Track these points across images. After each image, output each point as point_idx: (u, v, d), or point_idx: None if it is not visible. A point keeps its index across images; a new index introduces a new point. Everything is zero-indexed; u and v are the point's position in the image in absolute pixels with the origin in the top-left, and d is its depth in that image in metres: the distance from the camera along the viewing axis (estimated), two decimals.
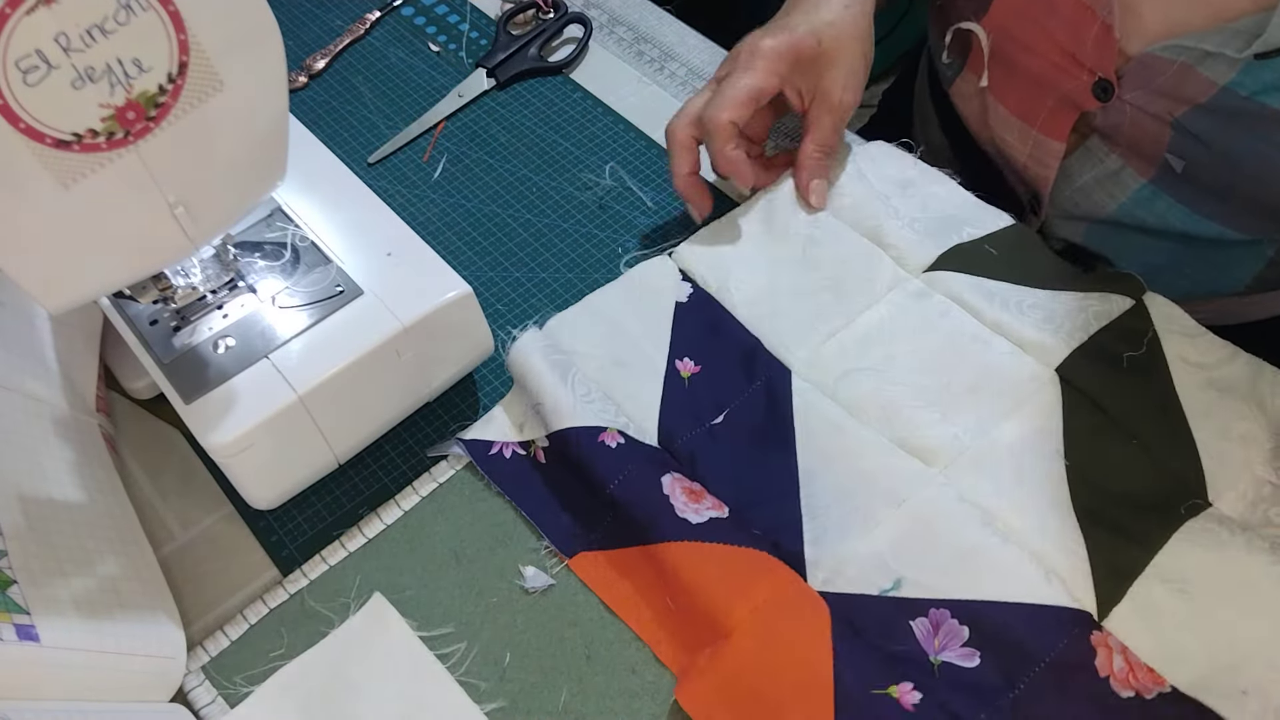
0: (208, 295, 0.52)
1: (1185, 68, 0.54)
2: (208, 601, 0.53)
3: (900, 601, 0.48)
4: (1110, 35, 0.56)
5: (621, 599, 0.50)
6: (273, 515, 0.55)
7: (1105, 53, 0.57)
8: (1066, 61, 0.59)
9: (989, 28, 0.63)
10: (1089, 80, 0.59)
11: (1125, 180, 0.62)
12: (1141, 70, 0.56)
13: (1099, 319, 0.55)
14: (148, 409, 0.60)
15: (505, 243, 0.66)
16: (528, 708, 0.48)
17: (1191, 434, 0.52)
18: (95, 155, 0.38)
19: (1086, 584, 0.48)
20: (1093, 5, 0.56)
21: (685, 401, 0.56)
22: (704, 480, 0.52)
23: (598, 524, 0.51)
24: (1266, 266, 0.62)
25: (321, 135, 0.68)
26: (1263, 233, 0.60)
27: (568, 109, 0.73)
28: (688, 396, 0.56)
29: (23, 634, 0.43)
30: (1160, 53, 0.54)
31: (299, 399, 0.49)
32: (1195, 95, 0.55)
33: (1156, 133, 0.58)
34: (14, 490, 0.47)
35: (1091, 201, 0.63)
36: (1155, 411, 0.53)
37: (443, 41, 0.79)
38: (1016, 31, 0.62)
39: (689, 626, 0.48)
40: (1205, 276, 0.61)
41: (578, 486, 0.52)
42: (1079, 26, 0.58)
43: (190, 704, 0.48)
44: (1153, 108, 0.57)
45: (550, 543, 0.52)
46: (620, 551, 0.50)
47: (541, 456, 0.54)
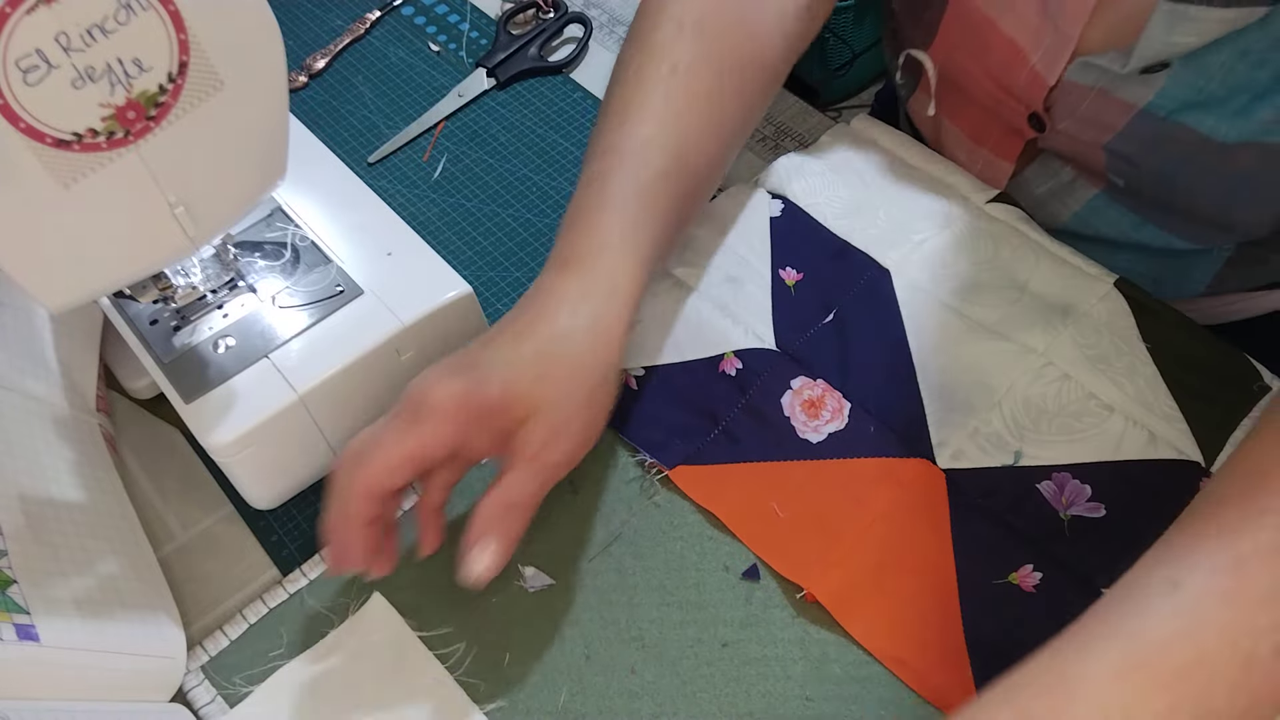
0: (208, 295, 0.52)
1: (1103, 93, 0.55)
2: (208, 601, 0.53)
3: (1023, 470, 0.52)
4: (1039, 78, 0.57)
5: (726, 508, 0.52)
6: (273, 515, 0.55)
7: (1035, 87, 0.58)
8: (1004, 94, 0.60)
9: (935, 57, 0.64)
10: (1024, 112, 0.60)
11: (1079, 191, 0.63)
12: (1065, 99, 0.57)
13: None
14: (148, 409, 0.60)
15: (505, 243, 0.66)
16: (527, 708, 0.48)
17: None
18: (95, 155, 0.38)
19: (1189, 441, 0.52)
20: (1025, 48, 0.57)
21: (794, 307, 0.58)
22: (825, 376, 0.55)
23: (696, 441, 0.54)
24: (1223, 268, 0.63)
25: (321, 135, 0.68)
26: (1209, 242, 0.61)
27: (568, 109, 0.73)
28: (796, 302, 0.59)
29: (23, 634, 0.43)
30: (1073, 77, 0.55)
31: (299, 399, 0.49)
32: (1115, 121, 0.55)
33: (1094, 156, 0.59)
34: (14, 490, 0.47)
35: (1047, 211, 0.64)
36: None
37: (443, 41, 0.79)
38: (959, 62, 0.63)
39: (803, 536, 0.51)
40: (1163, 281, 0.62)
41: (674, 407, 0.55)
42: (1011, 66, 0.58)
43: (190, 704, 0.48)
44: (1083, 135, 0.58)
45: (649, 457, 0.54)
46: (723, 467, 0.53)
47: (633, 383, 0.56)
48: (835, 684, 0.47)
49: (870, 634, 0.48)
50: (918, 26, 0.65)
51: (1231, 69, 0.49)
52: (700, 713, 0.47)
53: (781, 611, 0.49)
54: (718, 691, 0.47)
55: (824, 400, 0.55)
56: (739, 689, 0.47)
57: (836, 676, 0.47)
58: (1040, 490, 0.51)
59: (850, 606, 0.49)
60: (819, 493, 0.52)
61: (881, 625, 0.48)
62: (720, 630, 0.49)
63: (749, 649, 0.48)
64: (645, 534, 0.52)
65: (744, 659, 0.48)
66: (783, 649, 0.48)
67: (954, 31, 0.61)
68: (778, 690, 0.47)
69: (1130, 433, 0.52)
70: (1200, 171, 0.55)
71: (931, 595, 0.49)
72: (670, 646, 0.49)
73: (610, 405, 0.49)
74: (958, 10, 0.60)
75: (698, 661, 0.48)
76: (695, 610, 0.50)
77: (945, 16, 0.61)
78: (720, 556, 0.51)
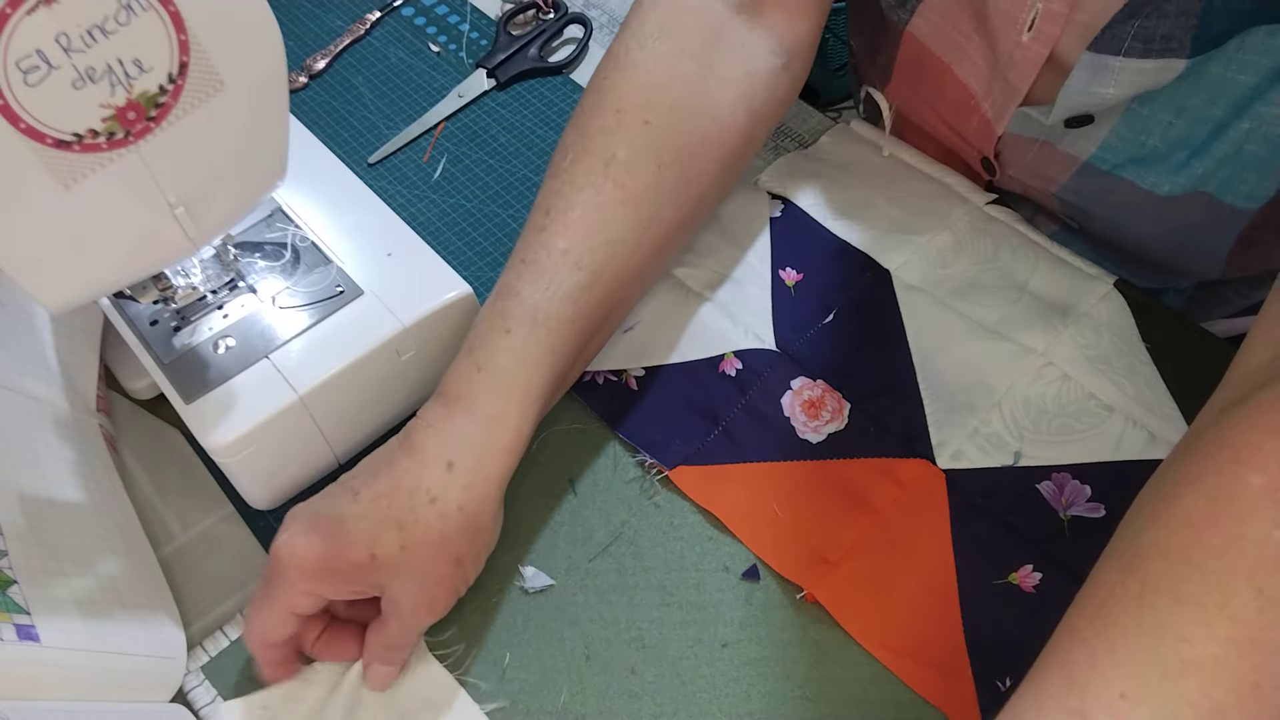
0: (208, 295, 0.52)
1: (1047, 145, 0.55)
2: (208, 601, 0.53)
3: (1023, 470, 0.52)
4: (989, 125, 0.57)
5: (726, 508, 0.52)
6: (273, 515, 0.55)
7: (985, 135, 0.59)
8: (956, 138, 0.61)
9: (891, 97, 0.65)
10: (978, 156, 0.60)
11: (1040, 225, 0.64)
12: (1011, 149, 0.58)
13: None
14: (148, 409, 0.60)
15: (505, 243, 0.66)
16: (528, 708, 0.48)
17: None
18: (95, 155, 0.39)
19: None
20: (977, 95, 0.57)
21: (794, 307, 0.59)
22: (825, 376, 0.56)
23: (696, 441, 0.54)
24: (1184, 304, 0.65)
25: (321, 135, 0.68)
26: (1165, 283, 0.62)
27: (568, 109, 0.73)
28: (796, 303, 0.59)
29: (23, 634, 0.43)
30: (1015, 130, 0.55)
31: (299, 399, 0.49)
32: (1060, 174, 0.56)
33: (1047, 200, 0.60)
34: (14, 490, 0.47)
35: None
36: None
37: (443, 42, 0.79)
38: (914, 104, 0.63)
39: (803, 536, 0.51)
40: None
41: (674, 408, 0.55)
42: (963, 112, 0.59)
43: (190, 704, 0.48)
44: (1033, 182, 0.59)
45: (649, 457, 0.54)
46: (723, 467, 0.53)
47: (633, 384, 0.56)
48: (835, 684, 0.47)
49: (870, 634, 0.48)
50: (874, 66, 0.65)
51: (1170, 125, 0.50)
52: (700, 713, 0.47)
53: (781, 611, 0.49)
54: (718, 691, 0.47)
55: (824, 400, 0.55)
56: (739, 689, 0.47)
57: (836, 676, 0.47)
58: (1040, 490, 0.51)
59: (850, 606, 0.49)
60: (819, 493, 0.52)
61: (881, 625, 0.48)
62: (720, 630, 0.49)
63: (749, 649, 0.49)
64: (645, 534, 0.52)
65: (744, 659, 0.48)
66: (783, 649, 0.48)
67: (910, 73, 0.62)
68: (778, 690, 0.47)
69: (1130, 433, 0.52)
70: (1146, 221, 0.55)
71: (931, 595, 0.49)
72: (670, 646, 0.49)
73: (483, 555, 0.48)
74: (911, 52, 0.60)
75: (698, 661, 0.48)
76: (695, 610, 0.50)
77: (899, 58, 0.61)
78: (720, 556, 0.51)
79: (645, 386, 0.56)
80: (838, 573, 0.49)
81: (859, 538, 0.50)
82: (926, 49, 0.59)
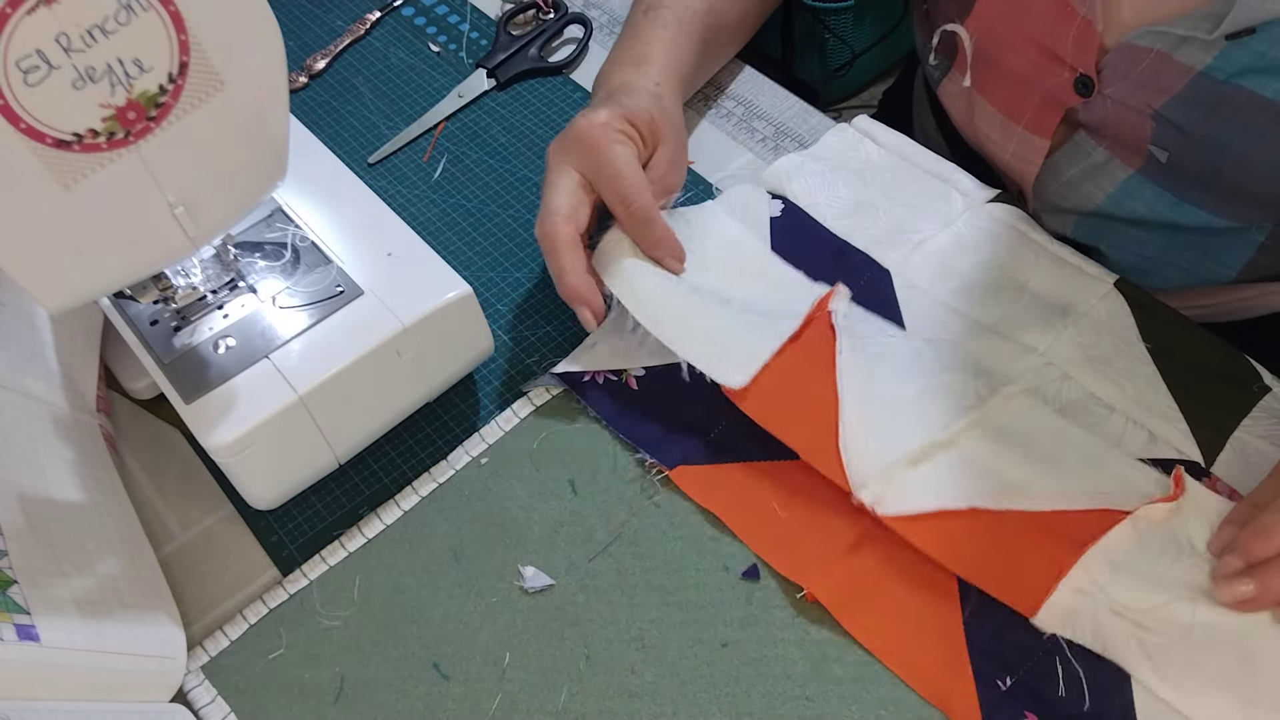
0: (208, 295, 0.52)
1: (1162, 56, 0.54)
2: (208, 601, 0.53)
3: None
4: (1091, 30, 0.56)
5: (726, 508, 0.52)
6: (273, 515, 0.55)
7: (1085, 48, 0.57)
8: (1047, 59, 0.59)
9: (972, 29, 0.64)
10: (1070, 76, 0.59)
11: (1113, 172, 0.62)
12: (1119, 62, 0.56)
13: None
14: (148, 409, 0.60)
15: (505, 243, 0.66)
16: (528, 707, 0.48)
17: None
18: (96, 155, 0.39)
19: (1189, 441, 0.52)
20: (1072, 2, 0.56)
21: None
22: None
23: (696, 441, 0.54)
24: (1256, 253, 0.62)
25: (321, 135, 0.68)
26: (1250, 219, 0.60)
27: (568, 109, 0.73)
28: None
29: (23, 634, 0.43)
30: (1136, 41, 0.54)
31: (299, 399, 0.49)
32: (1172, 84, 0.54)
33: (1139, 125, 0.58)
34: (14, 490, 0.47)
35: (1080, 194, 0.63)
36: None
37: (443, 42, 0.79)
38: (999, 31, 0.62)
39: (803, 536, 0.51)
40: (1195, 266, 0.61)
41: (674, 408, 0.55)
42: (1058, 24, 0.58)
43: (190, 704, 0.48)
44: (1133, 100, 0.57)
45: (649, 457, 0.54)
46: (723, 466, 0.53)
47: (633, 384, 0.56)
48: (835, 684, 0.47)
49: (870, 633, 0.48)
50: (953, 1, 0.64)
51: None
52: (700, 713, 0.47)
53: (781, 611, 0.49)
54: (718, 691, 0.47)
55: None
56: (739, 689, 0.47)
57: (836, 676, 0.47)
58: None
59: (850, 606, 0.49)
60: (819, 493, 0.52)
61: (881, 625, 0.48)
62: (720, 630, 0.49)
63: (749, 649, 0.49)
64: (645, 534, 0.52)
65: (744, 659, 0.48)
66: (783, 649, 0.48)
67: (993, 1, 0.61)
68: (778, 690, 0.47)
69: (1130, 433, 0.52)
70: (1254, 138, 0.54)
71: (932, 595, 0.49)
72: (670, 646, 0.49)
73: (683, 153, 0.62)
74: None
75: (698, 661, 0.48)
76: (695, 610, 0.50)
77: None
78: (720, 556, 0.51)
79: (645, 386, 0.56)
80: (837, 572, 0.49)
81: (859, 537, 0.50)
82: None
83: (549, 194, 0.56)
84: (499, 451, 0.56)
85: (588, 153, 0.56)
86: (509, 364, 0.60)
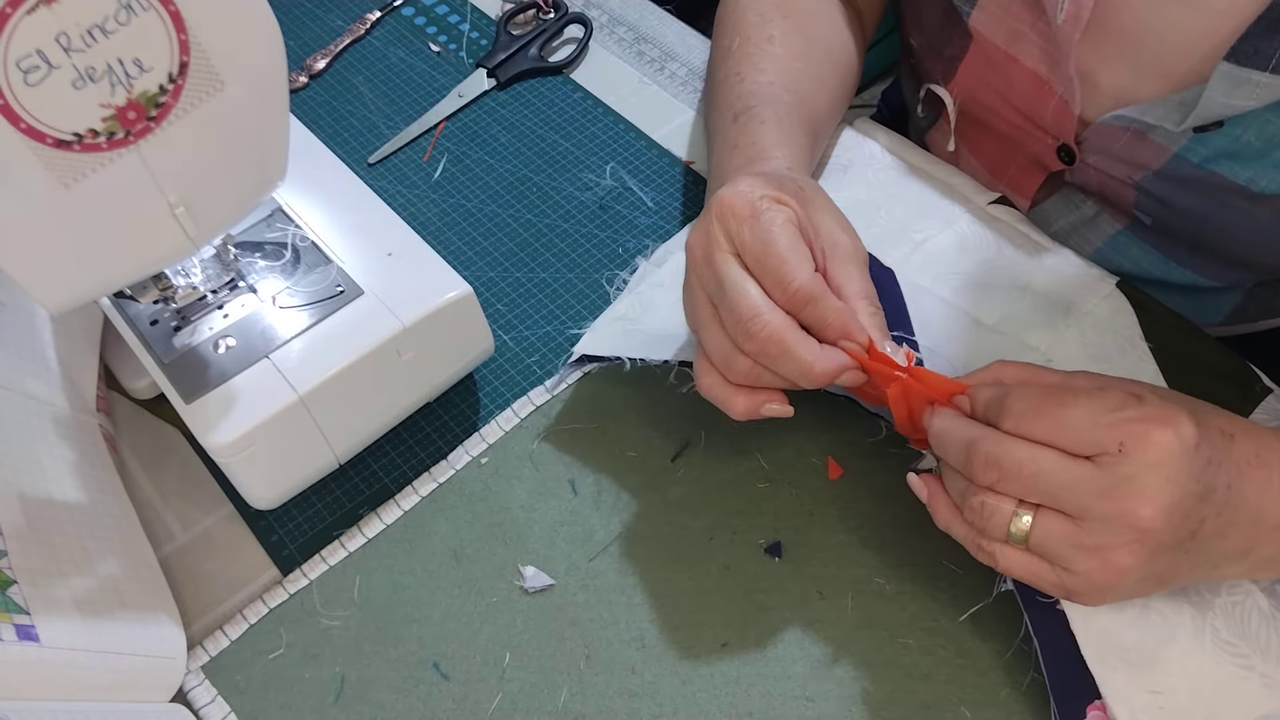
0: (208, 295, 0.52)
1: (1138, 134, 0.55)
2: (208, 601, 0.53)
3: None
4: (1067, 109, 0.57)
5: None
6: (273, 515, 0.55)
7: (1064, 124, 0.58)
8: (1030, 126, 0.61)
9: (955, 92, 0.64)
10: (1053, 144, 0.60)
11: (1102, 226, 0.63)
12: (1097, 138, 0.57)
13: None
14: (148, 409, 0.60)
15: (505, 243, 0.66)
16: (528, 707, 0.48)
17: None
18: (96, 155, 0.39)
19: None
20: (1049, 79, 0.57)
21: None
22: None
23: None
24: (1243, 300, 0.64)
25: (321, 135, 0.68)
26: (1235, 281, 0.61)
27: (568, 109, 0.73)
28: None
29: (23, 634, 0.43)
30: (1111, 122, 0.55)
31: (299, 399, 0.49)
32: (1150, 161, 0.55)
33: (1122, 192, 0.59)
34: (14, 490, 0.47)
35: (1069, 245, 0.64)
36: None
37: (443, 41, 0.79)
38: (981, 97, 0.63)
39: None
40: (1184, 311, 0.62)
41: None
42: (1036, 99, 0.59)
43: (190, 704, 0.48)
44: (1114, 171, 0.58)
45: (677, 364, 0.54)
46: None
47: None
48: (835, 684, 0.47)
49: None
50: (938, 62, 0.65)
51: (1269, 123, 0.49)
52: (700, 713, 0.47)
53: (782, 612, 0.49)
54: (718, 691, 0.47)
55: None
56: (739, 689, 0.47)
57: (836, 676, 0.47)
58: None
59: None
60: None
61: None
62: (720, 630, 0.49)
63: (749, 649, 0.49)
64: (645, 534, 0.52)
65: (744, 659, 0.48)
66: (783, 649, 0.48)
67: (976, 67, 0.62)
68: (778, 690, 0.47)
69: None
70: (1233, 213, 0.55)
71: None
72: (670, 646, 0.49)
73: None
74: (980, 49, 0.60)
75: (697, 662, 0.48)
76: (695, 610, 0.50)
77: (967, 55, 0.61)
78: (721, 556, 0.51)
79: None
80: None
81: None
82: (992, 44, 0.59)
83: (734, 298, 0.44)
84: (499, 451, 0.56)
85: (742, 226, 0.45)
86: (509, 364, 0.60)
